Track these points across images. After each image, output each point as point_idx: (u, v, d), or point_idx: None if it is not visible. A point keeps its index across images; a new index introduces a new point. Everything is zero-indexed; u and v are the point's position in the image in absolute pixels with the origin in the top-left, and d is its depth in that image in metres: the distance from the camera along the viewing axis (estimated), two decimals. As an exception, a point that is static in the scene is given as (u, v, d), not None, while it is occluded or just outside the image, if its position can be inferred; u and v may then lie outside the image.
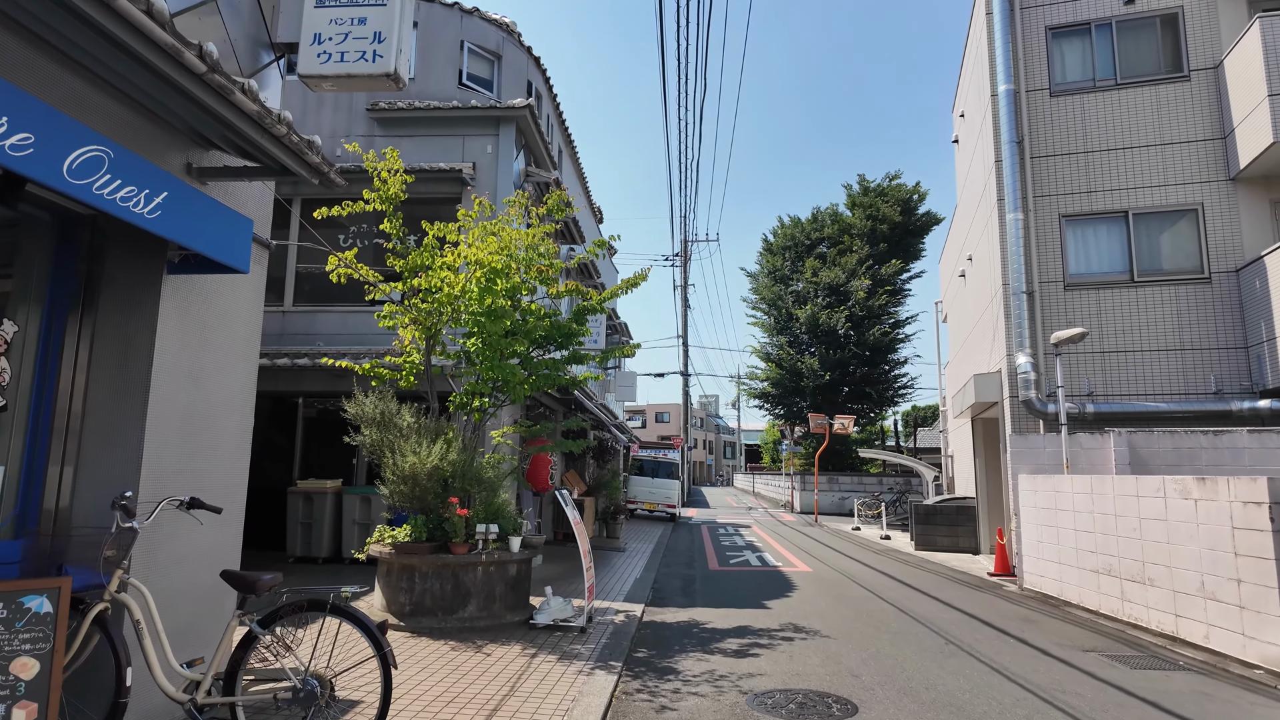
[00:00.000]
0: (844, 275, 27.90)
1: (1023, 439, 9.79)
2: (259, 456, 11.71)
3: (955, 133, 16.16)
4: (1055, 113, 11.25)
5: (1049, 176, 11.13)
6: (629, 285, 7.62)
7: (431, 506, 6.35)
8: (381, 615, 6.19)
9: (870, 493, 24.87)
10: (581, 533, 6.59)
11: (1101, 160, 10.96)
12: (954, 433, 18.40)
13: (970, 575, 10.73)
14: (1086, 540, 7.91)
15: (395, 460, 6.24)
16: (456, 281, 6.48)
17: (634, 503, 21.15)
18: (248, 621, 3.12)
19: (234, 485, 4.25)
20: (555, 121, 13.59)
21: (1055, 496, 8.60)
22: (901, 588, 9.34)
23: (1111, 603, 7.42)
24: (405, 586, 6.17)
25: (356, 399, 6.58)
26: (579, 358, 7.38)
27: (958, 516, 14.16)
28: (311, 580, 8.37)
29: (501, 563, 6.31)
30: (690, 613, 7.48)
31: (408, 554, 6.15)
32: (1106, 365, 10.49)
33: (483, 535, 6.25)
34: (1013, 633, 6.80)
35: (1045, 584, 8.78)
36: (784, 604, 8.03)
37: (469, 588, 6.18)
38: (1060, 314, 10.75)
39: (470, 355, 6.94)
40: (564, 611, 6.36)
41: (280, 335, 10.35)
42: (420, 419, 6.63)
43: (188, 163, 3.89)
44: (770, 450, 54.09)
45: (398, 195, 6.96)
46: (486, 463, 6.81)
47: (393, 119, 10.61)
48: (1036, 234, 10.94)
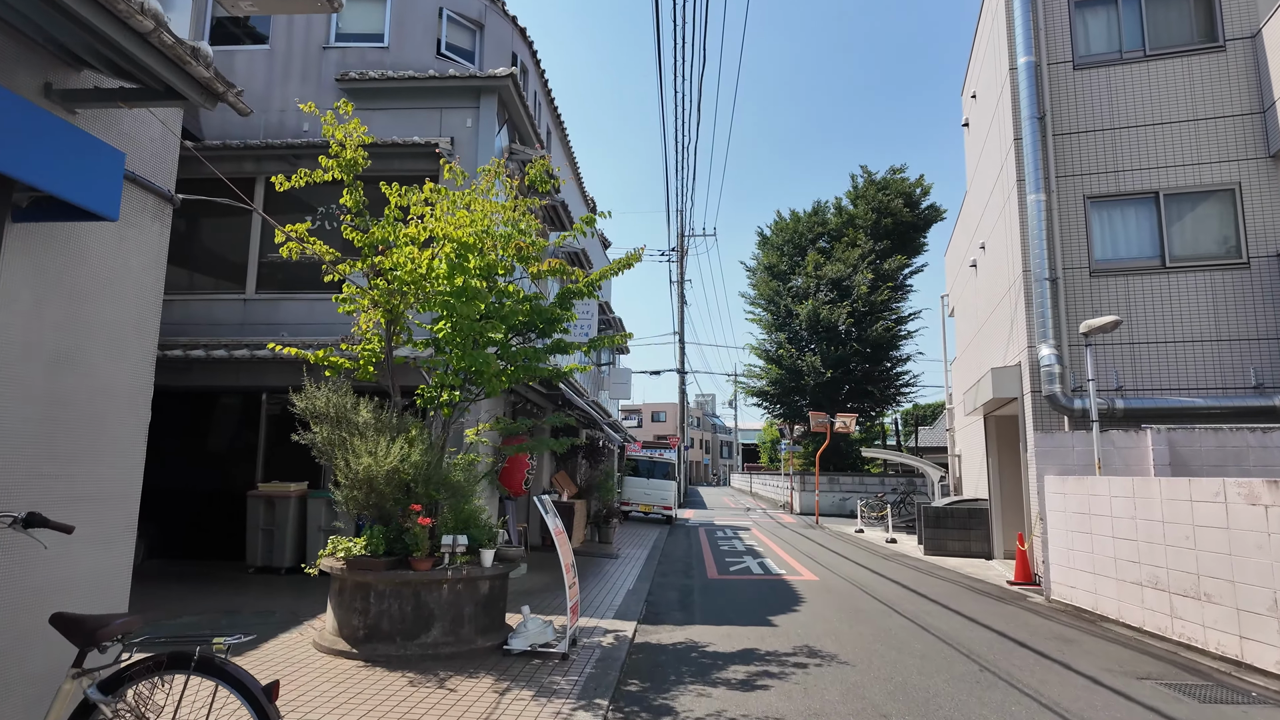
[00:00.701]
0: (847, 269, 27.12)
1: (1049, 437, 9.00)
2: (217, 458, 10.98)
3: (965, 116, 15.38)
4: (1079, 87, 10.47)
5: (1072, 155, 10.35)
6: (621, 266, 6.81)
7: (391, 515, 5.53)
8: (332, 641, 5.37)
9: (873, 493, 24.10)
10: (563, 543, 5.77)
11: (1129, 137, 10.18)
12: (961, 431, 17.63)
13: (988, 584, 9.95)
14: (1127, 549, 7.13)
15: (348, 462, 5.41)
16: (421, 258, 5.65)
17: (628, 504, 20.32)
18: (85, 685, 2.29)
19: (122, 495, 3.44)
20: (543, 101, 12.76)
21: (1089, 500, 7.82)
22: (918, 599, 8.55)
23: (1158, 620, 6.63)
24: (359, 607, 5.35)
25: (306, 391, 5.76)
26: (564, 347, 6.56)
27: (969, 520, 13.39)
28: (269, 596, 7.53)
29: (471, 579, 5.49)
30: (688, 632, 6.67)
31: (361, 570, 5.32)
32: (1136, 357, 9.71)
33: (449, 548, 5.44)
34: (1052, 655, 6.01)
35: (1077, 596, 7.99)
36: (792, 621, 7.23)
37: (432, 609, 5.36)
38: (1085, 302, 9.97)
39: (439, 343, 6.12)
40: (543, 635, 5.55)
41: (241, 325, 9.52)
42: (381, 415, 5.80)
43: (46, 83, 3.06)
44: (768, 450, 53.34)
45: (357, 162, 6.14)
46: (457, 465, 5.99)
47: (364, 90, 9.78)
48: (1060, 217, 10.16)
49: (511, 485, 9.82)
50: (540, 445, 6.45)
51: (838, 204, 30.18)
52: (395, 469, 5.40)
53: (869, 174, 29.46)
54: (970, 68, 14.47)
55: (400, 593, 5.33)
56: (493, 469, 6.58)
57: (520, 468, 9.84)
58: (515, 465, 9.77)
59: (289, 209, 9.74)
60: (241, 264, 9.78)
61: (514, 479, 9.84)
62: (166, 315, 10.08)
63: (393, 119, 9.75)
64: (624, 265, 6.84)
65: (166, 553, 9.80)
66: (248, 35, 10.57)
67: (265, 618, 6.52)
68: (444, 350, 6.09)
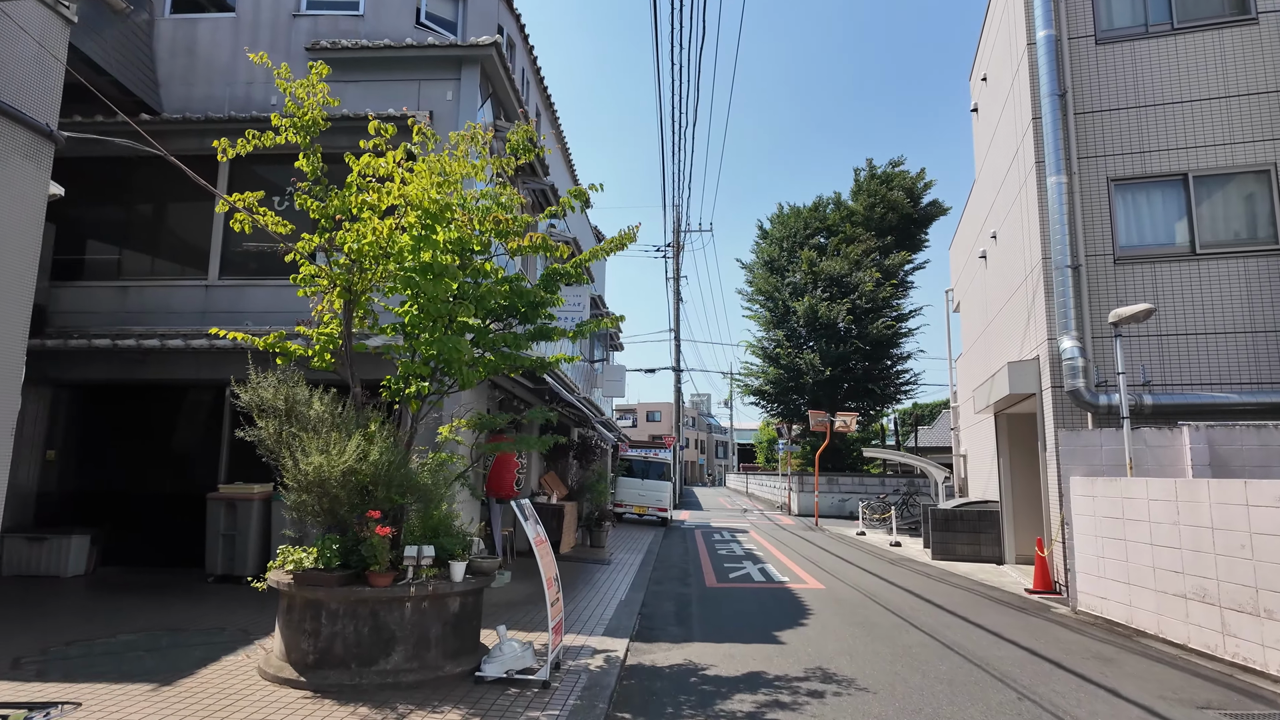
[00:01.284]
0: (848, 266, 26.47)
1: (1075, 436, 8.35)
2: (177, 458, 10.20)
3: (974, 101, 14.75)
4: (1102, 63, 9.83)
5: (1095, 135, 9.71)
6: (614, 246, 6.10)
7: (347, 522, 4.83)
8: (278, 667, 4.67)
9: (873, 495, 23.46)
10: (545, 554, 5.08)
11: (1156, 116, 9.55)
12: (967, 431, 17.00)
13: (1005, 592, 9.31)
14: (1169, 558, 6.48)
15: (297, 461, 4.71)
16: (382, 228, 4.96)
17: (622, 506, 19.64)
18: None
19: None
20: (532, 79, 12.07)
21: (1124, 504, 7.17)
22: (934, 611, 7.89)
23: (1208, 637, 5.98)
24: (309, 629, 4.65)
25: (252, 382, 5.05)
26: (547, 333, 5.87)
27: (980, 523, 12.76)
28: (225, 610, 6.82)
29: (439, 596, 4.80)
30: (686, 651, 5.99)
31: (310, 585, 4.62)
32: (1165, 350, 9.08)
33: (413, 560, 4.74)
34: (1094, 678, 5.35)
35: (1108, 608, 7.34)
36: (800, 637, 6.55)
37: (393, 630, 4.66)
38: (1110, 291, 9.33)
39: (406, 327, 5.43)
40: (522, 659, 4.86)
41: (203, 314, 8.80)
42: (338, 408, 5.10)
43: None
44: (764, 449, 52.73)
45: (316, 122, 5.44)
46: (425, 466, 5.30)
47: (336, 60, 9.06)
48: (1082, 201, 9.52)
49: (501, 487, 9.13)
50: (522, 444, 5.75)
51: (838, 199, 29.56)
52: (351, 470, 4.70)
53: (872, 167, 28.84)
54: (980, 49, 13.83)
55: (356, 612, 4.63)
56: (468, 469, 5.88)
57: (509, 468, 9.16)
58: (503, 465, 9.09)
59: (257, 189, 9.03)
60: (204, 248, 9.06)
61: (503, 480, 9.15)
62: (120, 304, 9.44)
63: (366, 91, 9.05)
64: (616, 245, 6.14)
65: (122, 560, 9.07)
66: (212, 2, 9.85)
67: (211, 637, 5.81)
68: (412, 336, 5.39)
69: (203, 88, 9.43)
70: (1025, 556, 11.96)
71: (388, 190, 4.98)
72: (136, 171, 9.21)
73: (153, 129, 8.79)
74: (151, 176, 9.13)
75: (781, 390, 27.93)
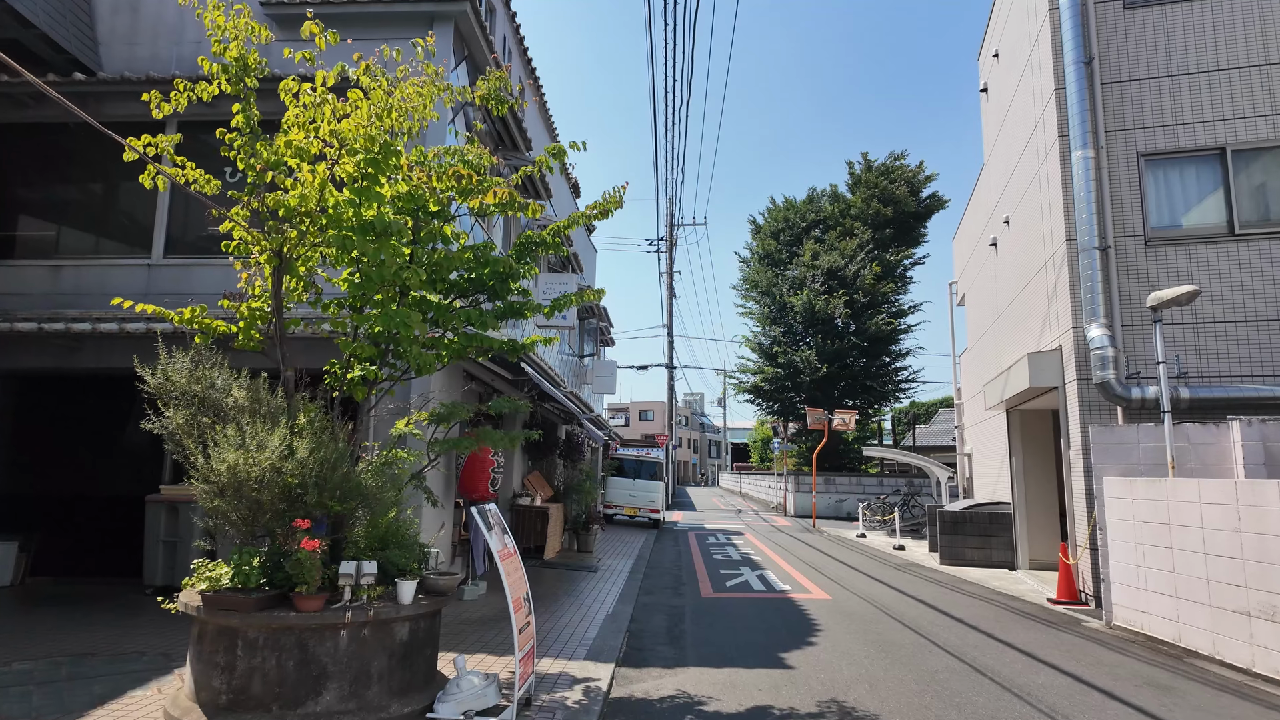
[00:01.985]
0: (844, 260, 25.73)
1: (1109, 433, 7.59)
2: (116, 456, 9.26)
3: (983, 80, 14.00)
4: (1131, 28, 9.08)
5: (1123, 107, 8.96)
6: (599, 211, 5.26)
7: (271, 532, 4.00)
8: (186, 708, 3.83)
9: (872, 495, 22.71)
10: (512, 570, 4.26)
11: (1190, 86, 8.80)
12: (973, 429, 16.28)
13: (1025, 602, 8.55)
14: (1226, 569, 5.72)
15: (209, 458, 3.87)
16: (310, 178, 4.12)
17: (612, 507, 18.82)
18: None
19: None
20: (514, 49, 11.23)
21: (1170, 508, 6.41)
22: (954, 626, 7.11)
23: (1277, 660, 5.22)
24: (222, 662, 3.81)
25: (161, 364, 4.21)
26: (519, 309, 5.04)
27: (990, 526, 12.01)
28: (158, 628, 5.96)
29: (382, 622, 3.97)
30: (680, 679, 5.18)
31: (225, 609, 3.79)
32: (1201, 339, 8.34)
33: (349, 579, 3.91)
34: (1156, 713, 4.58)
35: (1150, 623, 6.58)
36: (810, 660, 5.75)
37: (325, 664, 3.83)
38: (1140, 275, 8.59)
39: (352, 301, 4.60)
40: (484, 696, 4.04)
41: (144, 295, 7.86)
42: (264, 396, 4.27)
43: None
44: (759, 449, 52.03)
45: (247, 65, 4.58)
46: (372, 465, 4.47)
47: (294, 16, 8.19)
48: (1110, 178, 8.76)
49: (474, 488, 8.30)
50: (486, 439, 4.91)
51: (833, 191, 28.82)
52: (274, 469, 3.87)
53: (868, 161, 28.12)
54: (991, 23, 13.08)
55: (278, 642, 3.79)
56: (424, 469, 5.04)
57: (483, 467, 8.32)
58: (477, 465, 8.26)
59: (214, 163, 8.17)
60: (147, 223, 8.19)
61: (476, 481, 8.32)
62: (53, 285, 8.49)
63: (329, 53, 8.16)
64: (602, 212, 5.31)
65: (54, 570, 8.20)
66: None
67: (124, 665, 4.96)
68: (357, 310, 4.57)
69: (147, 47, 8.55)
70: (1040, 561, 11.24)
71: (315, 126, 4.13)
72: (74, 140, 8.34)
73: (86, 91, 7.93)
74: (90, 145, 8.26)
75: (778, 388, 27.16)
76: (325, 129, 4.13)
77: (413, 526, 4.65)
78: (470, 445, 4.89)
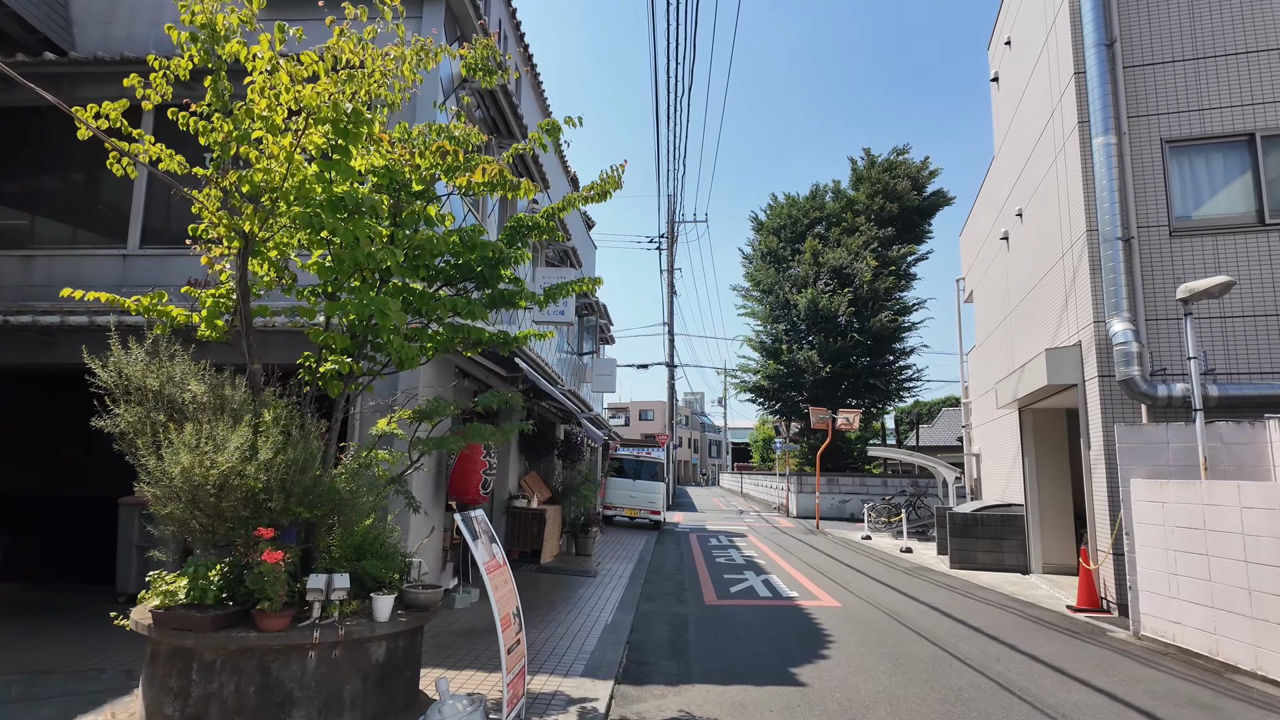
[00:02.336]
0: (848, 256, 25.33)
1: (1136, 432, 7.19)
2: (93, 456, 8.71)
3: (993, 70, 13.60)
4: (1154, 9, 8.68)
5: (1146, 92, 8.56)
6: (595, 193, 4.86)
7: (231, 541, 3.61)
8: (136, 738, 3.45)
9: (875, 495, 22.32)
10: (500, 583, 3.87)
11: (1217, 69, 8.41)
12: (981, 428, 15.90)
13: (1044, 609, 8.16)
14: (1271, 578, 5.33)
15: (162, 460, 3.49)
16: (276, 149, 3.73)
17: (612, 508, 18.42)
18: None
19: None
20: (510, 34, 10.82)
21: (1205, 512, 6.01)
22: (974, 637, 6.72)
23: (1330, 678, 4.83)
24: (175, 687, 3.42)
25: (115, 356, 3.82)
26: (508, 298, 4.64)
27: (1002, 529, 11.63)
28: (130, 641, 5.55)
29: (355, 641, 3.58)
30: (685, 698, 4.78)
31: (178, 629, 3.40)
32: (1229, 335, 7.94)
33: (319, 594, 3.53)
34: (1206, 739, 4.19)
35: (1184, 635, 6.19)
36: (824, 675, 5.36)
37: (290, 690, 3.44)
38: (1165, 267, 8.19)
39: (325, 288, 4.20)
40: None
41: (119, 287, 7.48)
42: (230, 392, 3.87)
43: None
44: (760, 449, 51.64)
45: (215, 31, 4.18)
46: (349, 468, 4.08)
47: (277, -6, 7.78)
48: (1132, 165, 8.37)
49: (465, 490, 7.91)
50: (473, 434, 4.50)
51: (836, 187, 28.41)
52: (236, 472, 3.48)
53: (871, 156, 27.71)
54: (1002, 10, 12.68)
55: (238, 665, 3.41)
56: (406, 471, 4.64)
57: (474, 467, 7.92)
58: (467, 465, 7.86)
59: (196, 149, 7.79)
60: (123, 212, 7.80)
61: (467, 482, 7.92)
62: (25, 276, 8.11)
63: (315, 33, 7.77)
64: (599, 193, 4.91)
65: (28, 575, 7.82)
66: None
67: (81, 684, 4.57)
68: (332, 297, 4.17)
69: (124, 27, 8.15)
70: (1053, 565, 10.86)
71: (275, 91, 3.72)
72: (47, 124, 7.95)
73: (58, 72, 7.54)
74: (65, 130, 7.83)
75: (780, 386, 26.75)
76: (286, 96, 3.72)
77: (393, 534, 4.27)
78: (456, 443, 4.50)
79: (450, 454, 7.58)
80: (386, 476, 4.31)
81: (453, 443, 4.48)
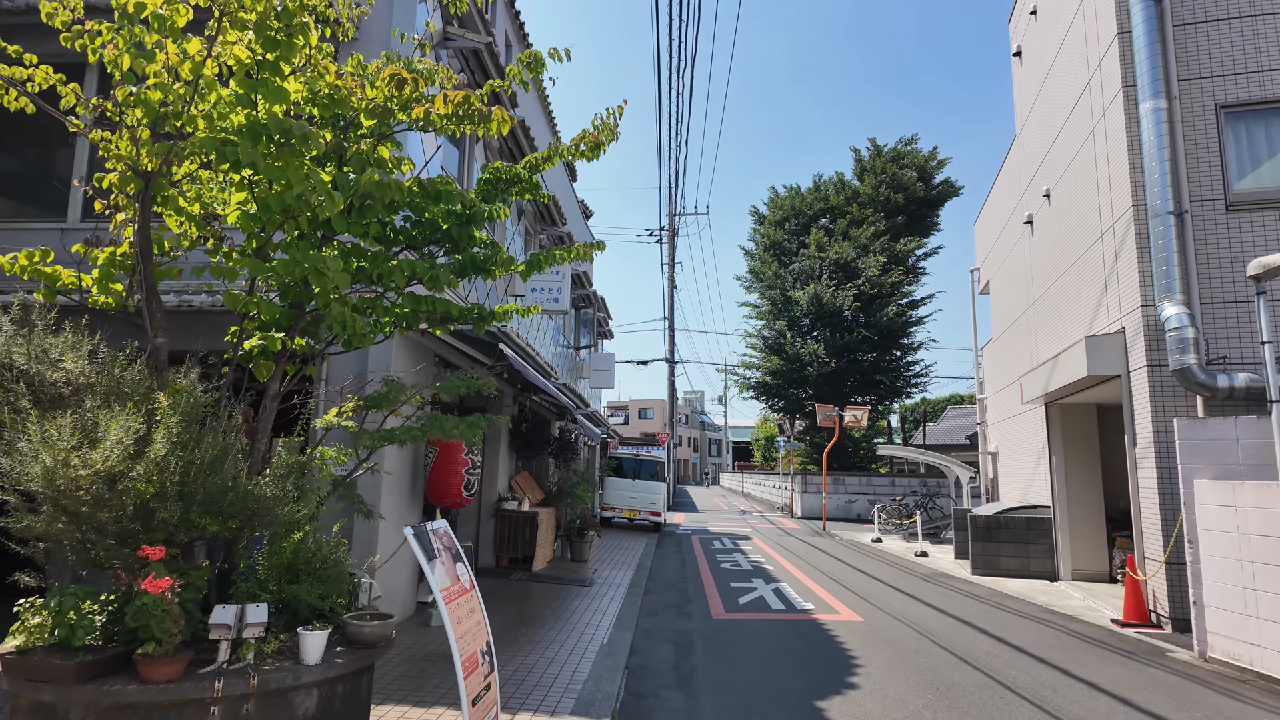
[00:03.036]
0: (854, 250, 24.52)
1: (1200, 426, 6.40)
2: None
3: (1015, 44, 12.80)
4: (1206, -38, 7.89)
5: (1198, 53, 7.77)
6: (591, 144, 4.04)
7: (108, 563, 2.80)
8: (-14, 820, 2.64)
9: (883, 495, 21.54)
10: (464, 613, 3.08)
11: (1278, 25, 7.62)
12: (997, 425, 15.11)
13: (1087, 624, 7.38)
14: (1382, 597, 4.53)
15: (16, 457, 2.68)
16: (177, 61, 2.92)
17: (610, 509, 17.62)
18: None
19: None
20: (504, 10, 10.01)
21: (1293, 518, 5.22)
22: (1018, 657, 5.92)
23: None
24: (35, 756, 2.61)
25: (-25, 326, 3.01)
26: (481, 264, 3.84)
27: (1028, 532, 10.85)
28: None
29: (274, 693, 2.77)
30: (694, 744, 3.98)
31: (35, 678, 2.59)
32: (1294, 319, 7.14)
33: (226, 631, 2.72)
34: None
35: (1263, 658, 5.40)
36: (857, 713, 4.56)
37: (184, 759, 2.63)
38: (1221, 244, 7.41)
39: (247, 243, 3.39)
40: (423, 793, 2.84)
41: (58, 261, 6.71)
42: (126, 373, 3.07)
43: None
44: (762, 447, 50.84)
45: None
46: (276, 469, 3.27)
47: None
48: (1183, 133, 7.58)
49: (445, 493, 7.11)
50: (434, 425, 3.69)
51: (840, 178, 27.61)
52: (118, 473, 2.67)
53: (877, 146, 26.92)
54: (1028, -21, 11.88)
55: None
56: (354, 472, 3.84)
57: (454, 467, 7.12)
58: (447, 464, 7.06)
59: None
60: (62, 181, 6.99)
61: (448, 484, 7.12)
62: (-48, 253, 7.36)
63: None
64: (591, 145, 4.11)
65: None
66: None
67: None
68: (260, 254, 3.36)
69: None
70: (1083, 572, 10.09)
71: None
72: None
73: (-13, 22, 6.73)
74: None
75: (783, 383, 25.95)
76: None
77: (338, 549, 3.46)
78: (415, 436, 3.69)
79: (428, 452, 6.78)
80: (329, 478, 3.51)
81: (404, 436, 3.66)
